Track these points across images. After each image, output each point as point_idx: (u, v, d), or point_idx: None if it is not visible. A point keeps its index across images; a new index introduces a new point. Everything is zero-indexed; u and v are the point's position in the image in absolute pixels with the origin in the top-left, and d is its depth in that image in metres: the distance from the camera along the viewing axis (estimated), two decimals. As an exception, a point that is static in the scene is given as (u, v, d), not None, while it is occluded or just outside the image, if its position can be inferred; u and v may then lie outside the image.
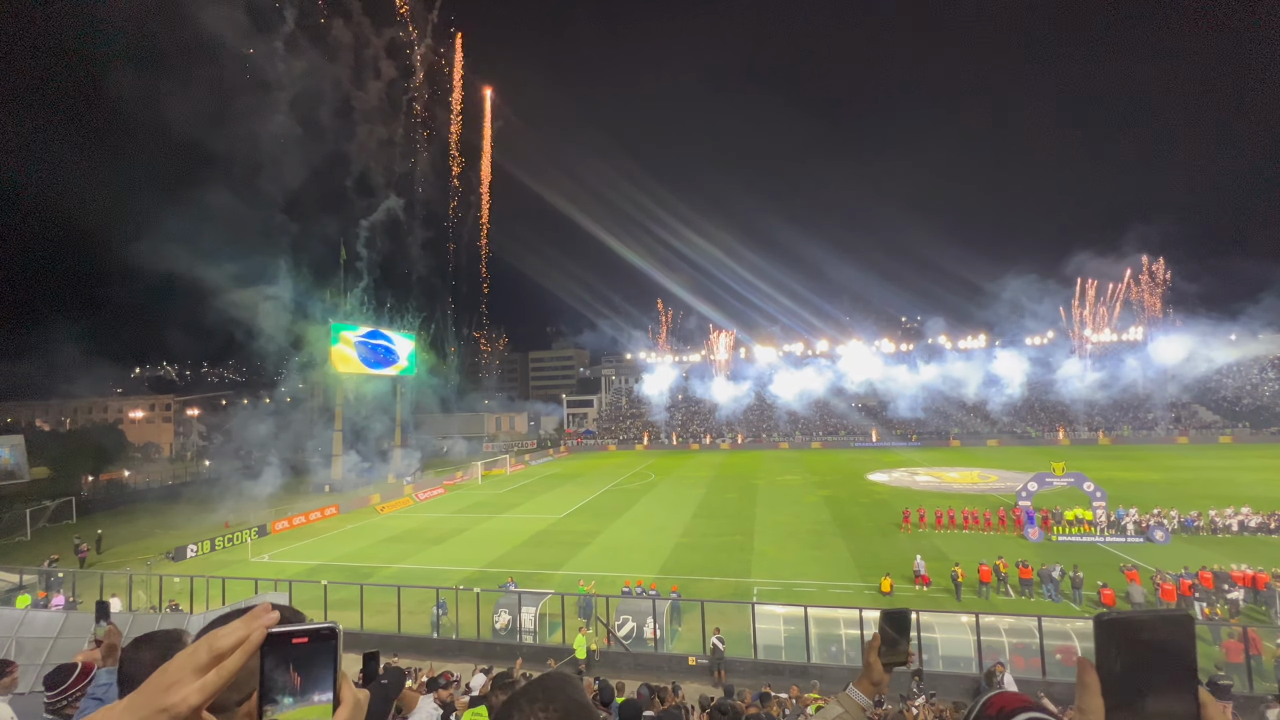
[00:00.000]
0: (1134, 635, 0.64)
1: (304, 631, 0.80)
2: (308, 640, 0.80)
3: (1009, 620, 15.74)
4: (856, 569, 23.07)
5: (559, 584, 22.39)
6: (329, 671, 0.79)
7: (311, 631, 0.80)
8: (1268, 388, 69.68)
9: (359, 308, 57.42)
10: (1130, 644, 0.64)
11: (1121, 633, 0.64)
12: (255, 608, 0.80)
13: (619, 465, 60.32)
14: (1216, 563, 19.59)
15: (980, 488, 39.33)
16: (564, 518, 35.52)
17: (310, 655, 0.79)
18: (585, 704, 1.16)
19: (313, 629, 0.81)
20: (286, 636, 0.78)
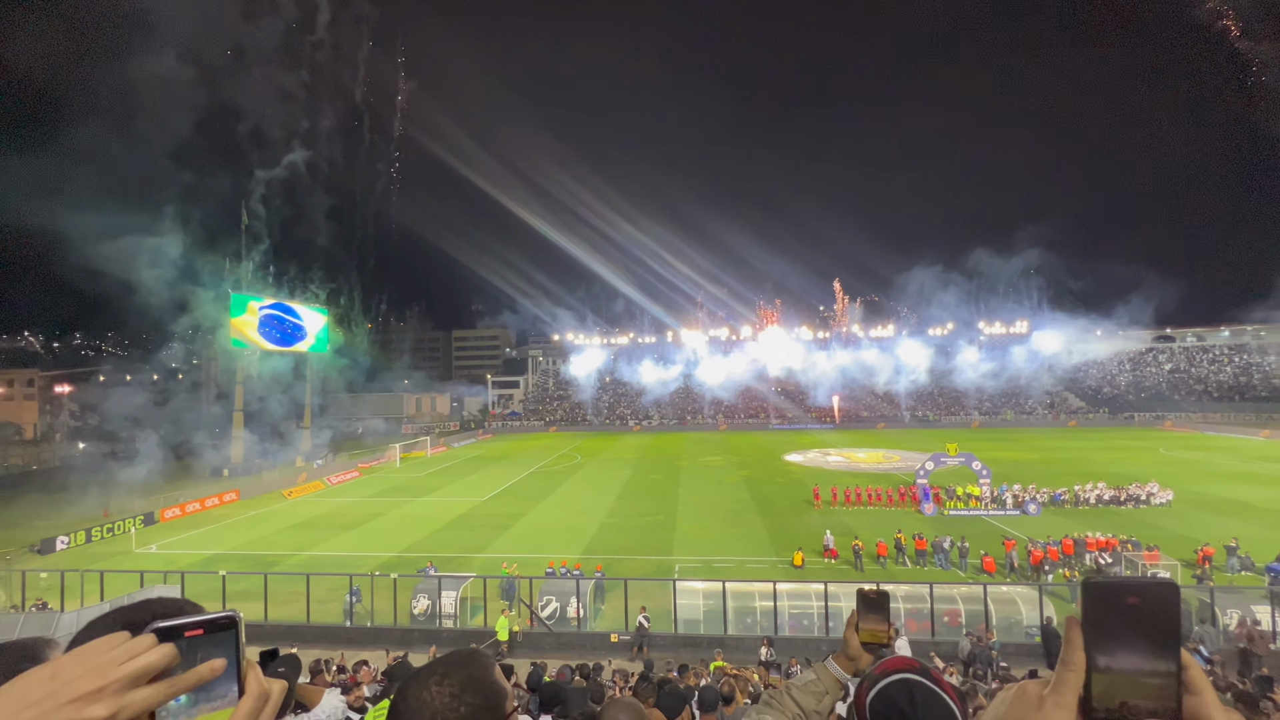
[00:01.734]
0: (1117, 598, 0.68)
1: (197, 623, 0.73)
2: (203, 632, 0.73)
3: (905, 588, 17.14)
4: (772, 545, 24.28)
5: (481, 567, 22.08)
6: (231, 665, 0.73)
7: (206, 622, 0.74)
8: (1124, 378, 79.32)
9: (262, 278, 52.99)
10: (1113, 605, 0.67)
11: (1106, 595, 0.68)
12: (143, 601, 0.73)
13: (545, 447, 59.89)
14: (1077, 531, 22.26)
15: (885, 467, 42.34)
16: (487, 500, 34.93)
17: (207, 648, 0.73)
18: (489, 679, 1.13)
19: (207, 619, 0.74)
20: (177, 630, 0.72)
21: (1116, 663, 0.66)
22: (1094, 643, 0.67)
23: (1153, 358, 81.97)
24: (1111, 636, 0.67)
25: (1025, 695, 0.70)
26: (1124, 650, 0.67)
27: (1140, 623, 0.67)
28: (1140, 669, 0.66)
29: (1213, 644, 14.29)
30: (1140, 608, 0.67)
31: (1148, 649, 0.66)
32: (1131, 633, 0.67)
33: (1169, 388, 75.10)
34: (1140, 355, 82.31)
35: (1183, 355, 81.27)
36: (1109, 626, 0.67)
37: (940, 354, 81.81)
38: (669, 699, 3.48)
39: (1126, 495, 29.06)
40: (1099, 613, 0.68)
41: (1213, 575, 19.12)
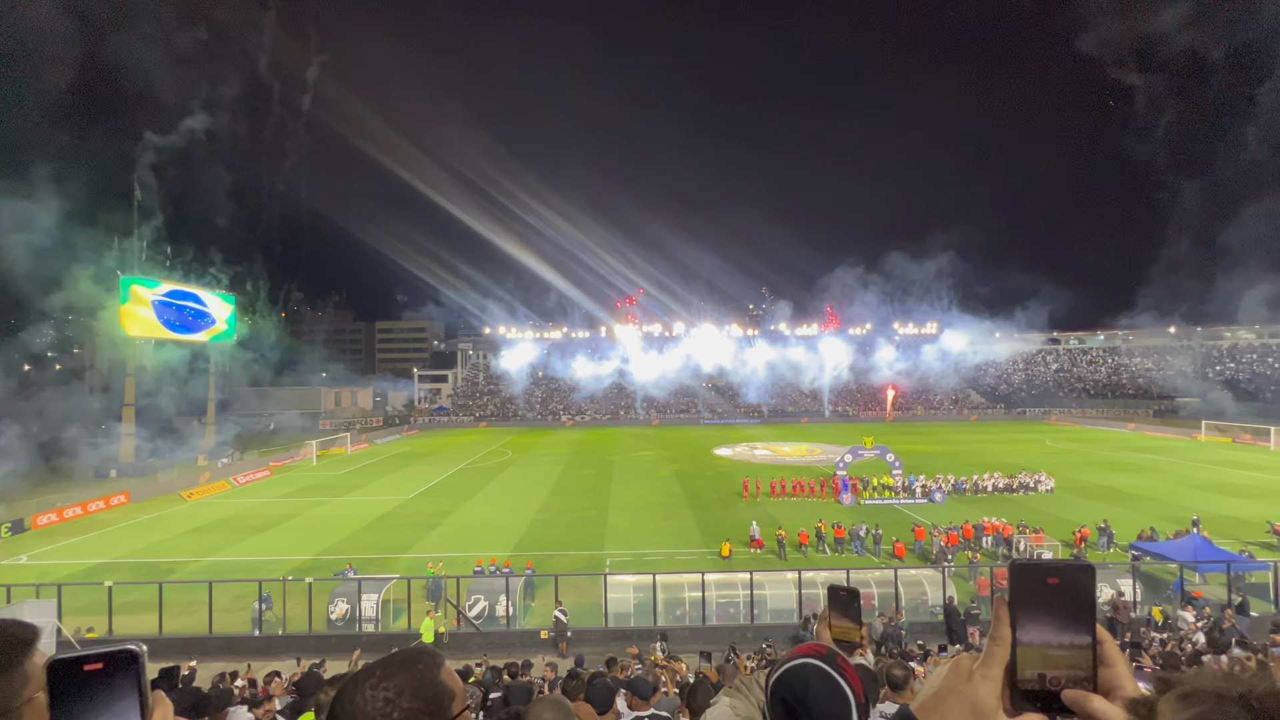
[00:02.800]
0: (1039, 578, 0.75)
1: (96, 656, 0.70)
2: (102, 666, 0.70)
3: (824, 574, 18.06)
4: (701, 537, 24.88)
5: (406, 568, 21.29)
6: (133, 703, 0.70)
7: (105, 656, 0.70)
8: (1018, 377, 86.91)
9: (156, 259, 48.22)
10: (1035, 585, 0.75)
11: (1029, 575, 0.75)
12: None
13: (475, 443, 58.38)
14: (976, 517, 24.25)
15: (808, 460, 44.33)
16: (412, 499, 33.67)
17: (108, 684, 0.69)
18: (433, 680, 1.07)
19: (107, 654, 0.71)
20: (74, 664, 0.69)
21: (1038, 637, 0.73)
22: (1019, 619, 0.74)
23: (1042, 359, 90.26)
24: (1034, 613, 0.74)
25: (959, 668, 0.77)
26: (1045, 626, 0.73)
27: (1059, 601, 0.74)
28: (1059, 643, 0.73)
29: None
30: (1059, 587, 0.74)
31: (1066, 624, 0.73)
32: (1052, 610, 0.73)
33: (1055, 386, 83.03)
34: (1032, 356, 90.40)
35: (1066, 357, 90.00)
36: (1032, 604, 0.74)
37: (860, 352, 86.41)
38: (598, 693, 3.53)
39: (1018, 483, 31.93)
40: (1023, 592, 0.75)
41: (1087, 554, 21.39)
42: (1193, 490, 31.81)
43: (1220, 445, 49.36)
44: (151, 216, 48.03)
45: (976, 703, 0.73)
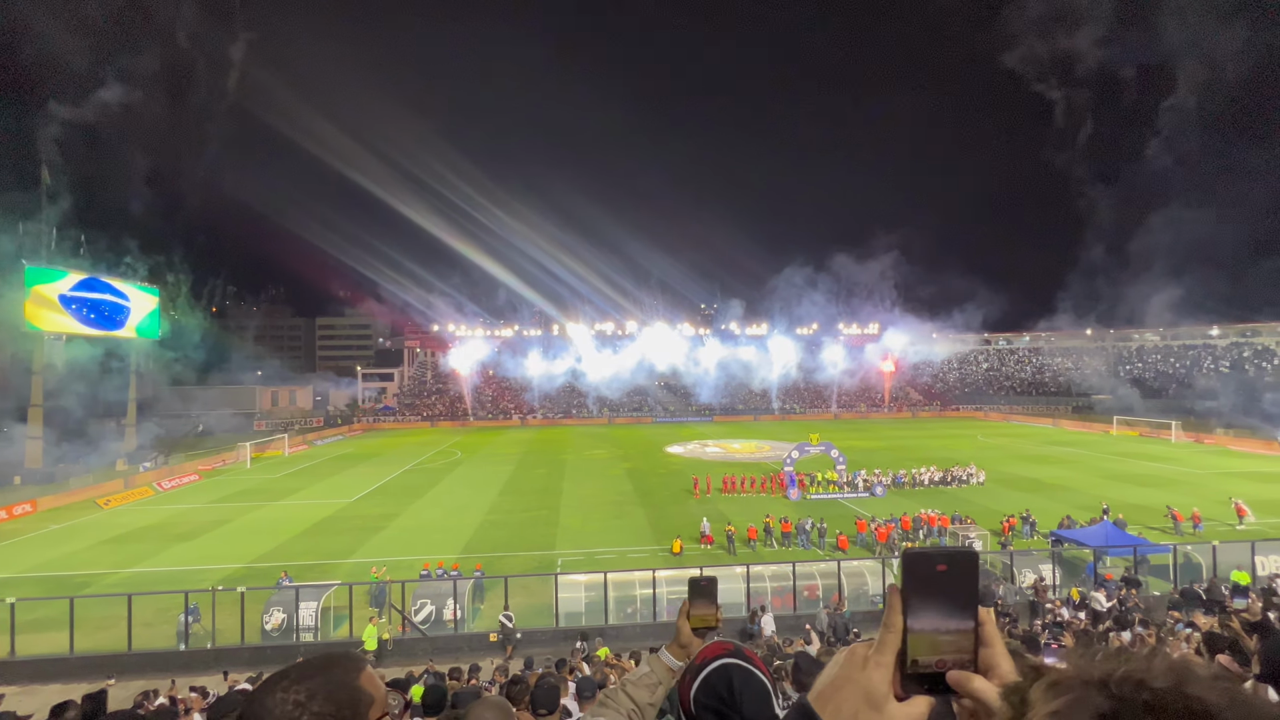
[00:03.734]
0: (930, 566, 0.77)
1: None
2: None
3: (772, 568, 18.55)
4: (652, 534, 25.08)
5: (347, 573, 20.51)
6: None
7: None
8: (952, 376, 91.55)
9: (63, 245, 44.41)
10: (926, 573, 0.77)
11: (920, 563, 0.77)
12: None
13: (422, 443, 56.78)
14: (914, 509, 25.43)
15: (757, 456, 45.34)
16: (355, 502, 32.46)
17: None
18: (349, 684, 1.04)
19: None
20: None
21: (928, 623, 0.76)
22: (910, 606, 0.76)
23: (974, 358, 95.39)
24: (924, 600, 0.76)
25: (853, 656, 0.79)
26: (934, 612, 0.76)
27: (947, 587, 0.77)
28: (947, 627, 0.75)
29: (1011, 598, 17.05)
30: (947, 573, 0.77)
31: (952, 609, 0.76)
32: (940, 596, 0.76)
33: (985, 384, 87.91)
34: (966, 356, 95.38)
35: (996, 357, 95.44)
36: (922, 591, 0.76)
37: (806, 351, 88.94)
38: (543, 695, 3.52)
39: (952, 476, 33.68)
40: (914, 579, 0.77)
41: (1013, 541, 22.79)
42: (1105, 480, 34.38)
43: (1129, 439, 53.52)
44: (59, 199, 44.31)
45: (869, 690, 0.74)
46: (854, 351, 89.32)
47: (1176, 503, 26.11)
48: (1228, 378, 66.97)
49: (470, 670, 11.17)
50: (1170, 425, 52.61)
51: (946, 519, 24.25)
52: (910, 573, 0.78)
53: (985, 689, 0.71)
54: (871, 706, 0.74)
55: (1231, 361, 72.61)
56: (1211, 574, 17.46)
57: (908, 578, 0.78)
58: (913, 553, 0.77)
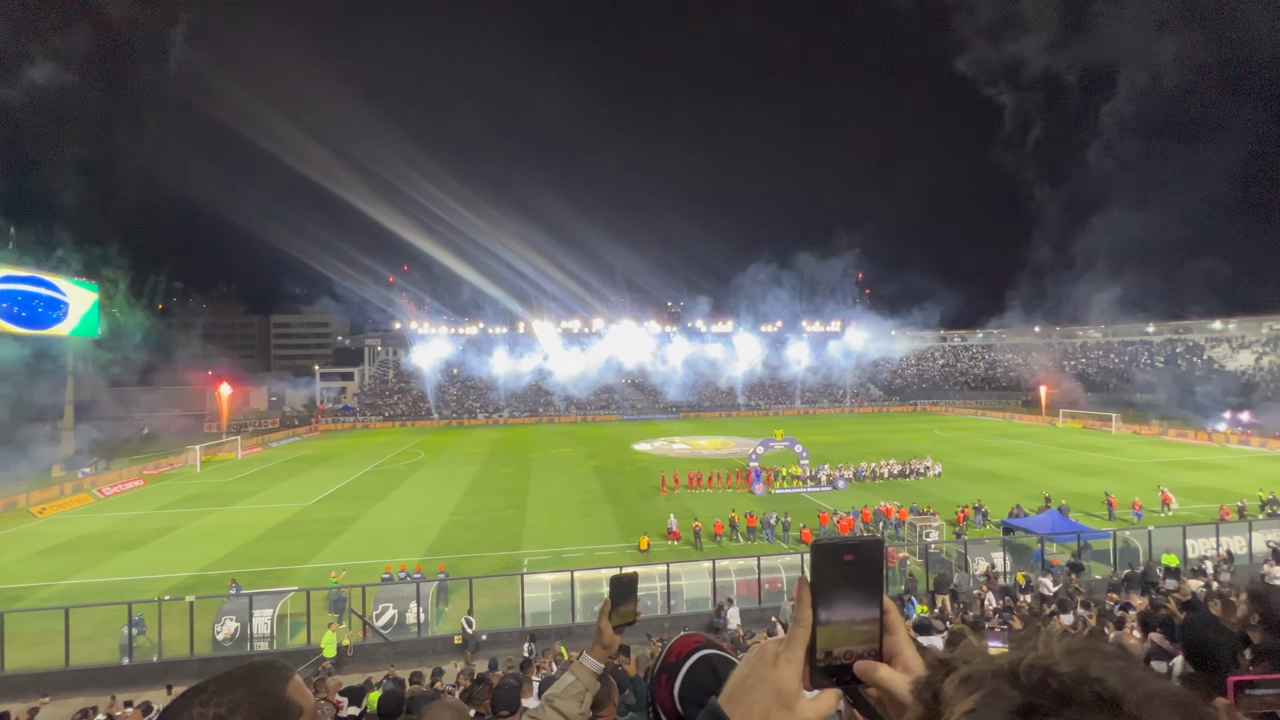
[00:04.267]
0: (837, 556, 0.76)
1: None
2: None
3: (738, 562, 18.81)
4: (620, 532, 25.09)
5: (305, 579, 19.89)
6: None
7: None
8: (910, 371, 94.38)
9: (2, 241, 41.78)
10: (833, 563, 0.76)
11: (828, 554, 0.76)
12: None
13: (383, 444, 55.43)
14: (875, 502, 26.13)
15: (723, 453, 45.83)
16: (313, 505, 31.47)
17: None
18: (275, 696, 0.98)
19: None
20: None
21: (836, 615, 0.75)
22: (819, 599, 0.75)
23: (931, 355, 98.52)
24: (833, 591, 0.75)
25: (764, 654, 0.77)
26: (841, 603, 0.75)
27: (854, 577, 0.76)
28: (854, 618, 0.75)
29: (965, 586, 17.71)
30: (854, 563, 0.76)
31: (860, 599, 0.75)
32: (847, 586, 0.75)
33: (942, 379, 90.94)
34: (923, 352, 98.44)
35: (951, 353, 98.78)
36: (830, 583, 0.76)
37: (771, 348, 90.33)
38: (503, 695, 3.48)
39: (911, 469, 34.74)
40: (822, 571, 0.76)
41: (967, 531, 23.66)
42: (1052, 470, 36.00)
43: (1074, 431, 56.17)
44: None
45: (781, 688, 0.73)
46: (817, 348, 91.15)
47: (1116, 491, 27.56)
48: (1163, 372, 70.98)
49: (433, 674, 10.97)
50: (1111, 418, 55.46)
51: (906, 511, 25.00)
52: (818, 564, 0.77)
53: (891, 677, 0.71)
54: (783, 705, 0.72)
55: (1166, 357, 76.96)
56: (1148, 558, 18.49)
57: (816, 570, 0.76)
58: (820, 544, 0.77)
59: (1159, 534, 19.72)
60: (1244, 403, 55.12)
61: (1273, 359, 66.28)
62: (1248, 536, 19.95)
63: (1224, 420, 50.78)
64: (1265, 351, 68.28)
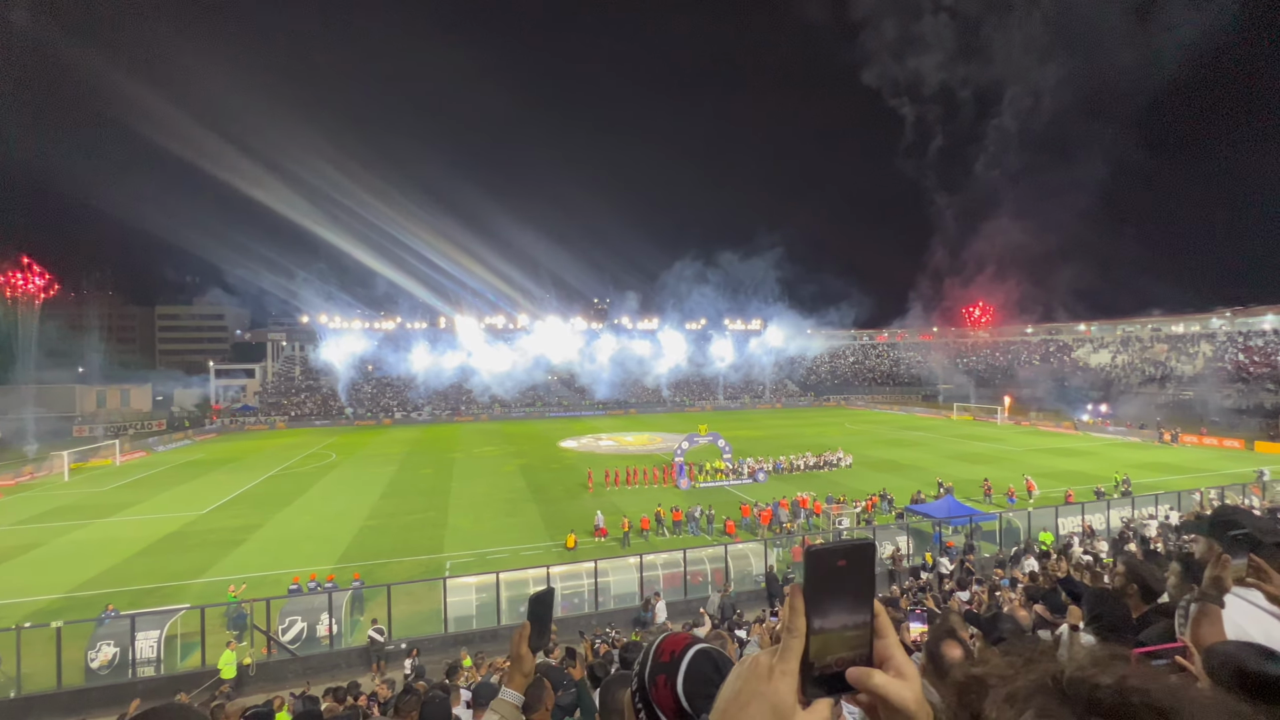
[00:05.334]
0: (832, 561, 0.72)
1: None
2: None
3: (664, 556, 19.13)
4: (546, 530, 24.83)
5: (199, 595, 18.24)
6: None
7: None
8: (824, 368, 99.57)
9: None
10: (827, 569, 0.72)
11: (822, 560, 0.72)
12: None
13: (289, 446, 51.67)
14: (792, 493, 27.39)
15: (649, 448, 46.39)
16: (208, 513, 28.87)
17: None
18: None
19: None
20: None
21: (829, 622, 0.71)
22: (812, 606, 0.72)
23: (844, 352, 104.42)
24: (826, 598, 0.72)
25: (757, 668, 0.73)
26: (835, 609, 0.72)
27: (848, 582, 0.72)
28: (846, 624, 0.72)
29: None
30: (847, 568, 0.72)
31: (852, 605, 0.72)
32: (840, 592, 0.72)
33: (852, 376, 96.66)
34: (837, 350, 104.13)
35: (861, 351, 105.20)
36: (824, 590, 0.72)
37: (695, 345, 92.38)
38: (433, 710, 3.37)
39: (824, 461, 36.71)
40: (817, 578, 0.72)
41: (875, 517, 25.33)
42: (947, 459, 39.23)
43: (966, 422, 61.46)
44: None
45: (777, 703, 0.69)
46: (740, 345, 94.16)
47: (999, 476, 30.46)
48: (1039, 369, 79.11)
49: (349, 688, 10.40)
50: (996, 410, 61.19)
51: (820, 505, 26.39)
52: (814, 571, 0.73)
53: (887, 684, 0.69)
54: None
55: (1041, 355, 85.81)
56: (1028, 536, 20.60)
57: (811, 577, 0.73)
58: (816, 550, 0.73)
59: (1037, 515, 22.03)
60: (1104, 396, 62.52)
61: (1125, 357, 75.60)
62: (1106, 515, 22.69)
63: (1087, 411, 57.32)
64: (1119, 351, 77.74)
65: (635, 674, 1.09)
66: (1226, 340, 67.23)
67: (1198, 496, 24.26)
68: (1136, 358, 74.15)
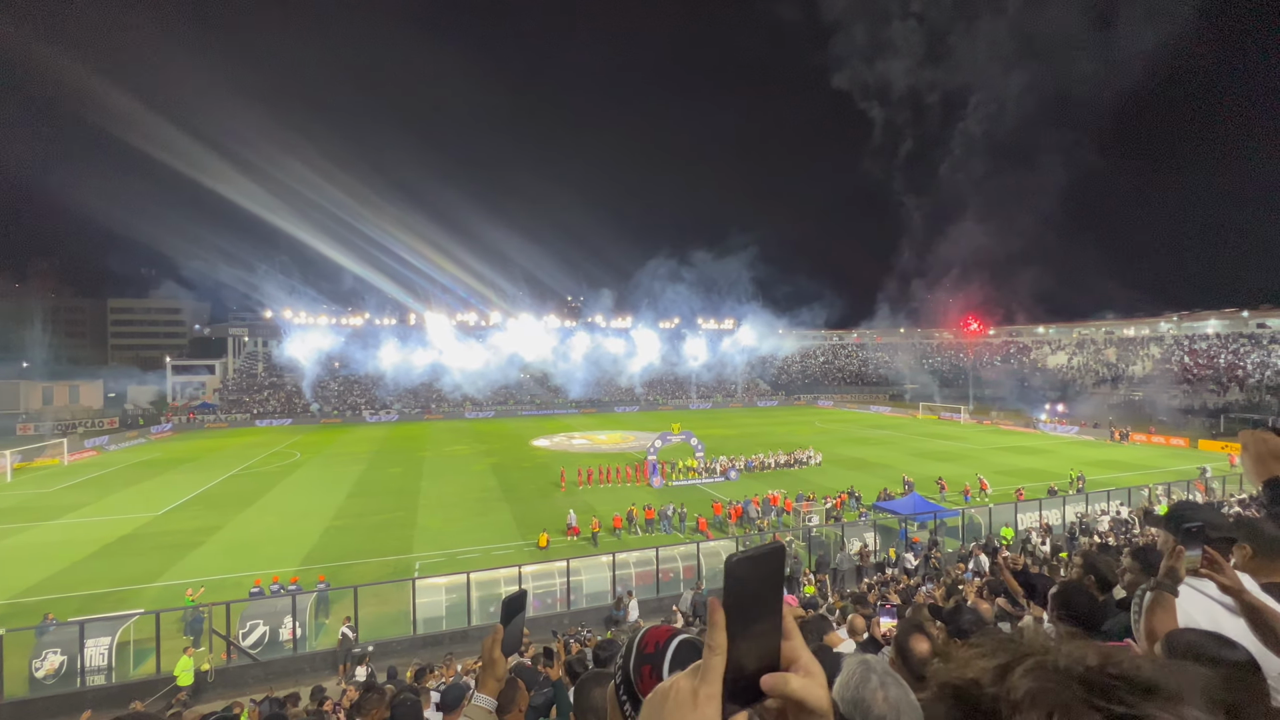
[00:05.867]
0: (748, 570, 0.70)
1: None
2: None
3: (636, 555, 19.16)
4: (518, 530, 24.62)
5: (154, 600, 17.59)
6: None
7: None
8: (795, 368, 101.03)
9: None
10: (746, 578, 0.69)
11: (736, 570, 0.69)
12: None
13: (253, 444, 50.13)
14: (764, 491, 27.73)
15: (622, 447, 46.40)
16: (165, 515, 27.83)
17: None
18: None
19: None
20: None
21: (747, 632, 0.69)
22: (733, 619, 0.68)
23: (815, 352, 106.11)
24: (744, 609, 0.69)
25: (679, 694, 0.68)
26: (752, 618, 0.69)
27: (763, 588, 0.70)
28: (762, 630, 0.69)
29: (840, 564, 19.34)
30: (763, 573, 0.70)
31: (766, 611, 0.70)
32: (757, 599, 0.70)
33: (822, 375, 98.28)
34: (808, 350, 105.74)
35: (831, 351, 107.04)
36: (743, 600, 0.69)
37: (669, 344, 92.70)
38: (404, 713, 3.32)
39: (794, 459, 37.26)
40: (737, 589, 0.69)
41: (844, 514, 25.82)
42: (913, 457, 40.23)
43: (931, 421, 63.10)
44: None
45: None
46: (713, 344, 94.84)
47: (960, 473, 31.38)
48: (1000, 370, 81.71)
49: (314, 693, 10.16)
50: (960, 409, 62.97)
51: (790, 502, 26.78)
52: (734, 583, 0.70)
53: (804, 687, 0.67)
54: None
55: (1002, 357, 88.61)
56: (989, 531, 21.26)
57: (732, 589, 0.70)
58: (736, 560, 0.70)
59: (998, 511, 22.76)
60: (1061, 396, 64.90)
61: (1080, 359, 78.60)
62: (1063, 510, 23.58)
63: (1045, 411, 59.44)
64: (1075, 353, 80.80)
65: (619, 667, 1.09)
66: (1174, 344, 70.49)
67: (1146, 493, 25.39)
68: (1091, 359, 77.18)
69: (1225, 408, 53.00)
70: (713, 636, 0.68)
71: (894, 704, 1.68)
